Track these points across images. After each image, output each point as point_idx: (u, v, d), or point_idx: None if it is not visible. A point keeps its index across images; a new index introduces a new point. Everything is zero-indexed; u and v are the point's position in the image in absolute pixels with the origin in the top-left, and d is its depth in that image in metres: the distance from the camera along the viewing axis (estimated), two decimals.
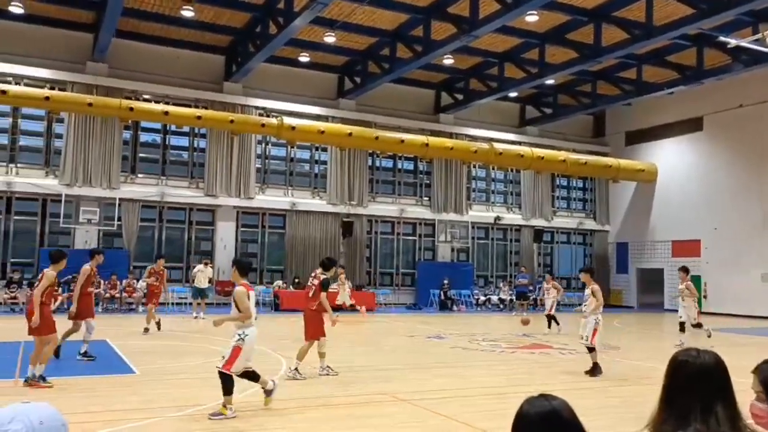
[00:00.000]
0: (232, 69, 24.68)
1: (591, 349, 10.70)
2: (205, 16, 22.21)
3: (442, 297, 26.47)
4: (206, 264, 20.57)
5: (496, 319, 23.57)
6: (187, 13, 21.32)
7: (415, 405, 8.03)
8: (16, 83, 21.47)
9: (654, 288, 30.15)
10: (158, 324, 15.35)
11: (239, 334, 7.27)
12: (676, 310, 15.89)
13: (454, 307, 26.44)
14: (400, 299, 27.45)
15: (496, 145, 26.73)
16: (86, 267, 11.31)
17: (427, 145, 25.31)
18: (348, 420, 7.30)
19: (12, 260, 22.05)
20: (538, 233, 30.56)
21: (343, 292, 21.06)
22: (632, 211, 31.54)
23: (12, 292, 20.32)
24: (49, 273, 8.85)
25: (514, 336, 16.66)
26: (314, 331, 9.84)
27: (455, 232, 28.29)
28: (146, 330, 14.92)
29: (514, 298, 26.42)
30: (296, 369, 9.58)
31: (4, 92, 19.75)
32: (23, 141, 23.00)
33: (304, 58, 24.98)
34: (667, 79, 25.08)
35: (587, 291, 11.11)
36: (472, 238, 29.30)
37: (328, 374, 9.84)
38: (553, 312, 17.83)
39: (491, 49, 24.15)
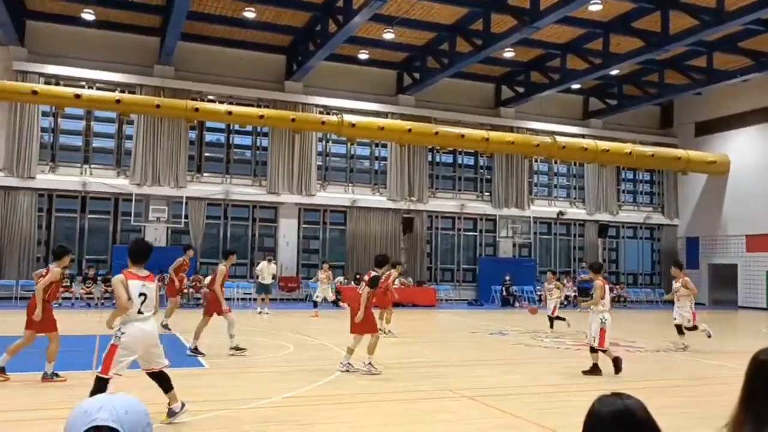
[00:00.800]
0: (293, 68, 25.05)
1: (601, 351, 10.12)
2: (266, 17, 22.61)
3: (504, 293, 26.18)
4: (270, 260, 20.99)
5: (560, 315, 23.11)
6: (249, 14, 21.76)
7: (479, 401, 7.98)
8: (89, 87, 22.37)
9: (727, 284, 28.97)
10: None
11: (117, 331, 6.25)
12: (752, 308, 15.15)
13: (516, 304, 26.11)
14: (461, 295, 27.32)
15: (559, 139, 26.19)
16: (222, 267, 11.42)
17: (487, 139, 25.02)
18: (410, 415, 7.31)
19: (87, 257, 23.07)
20: (602, 228, 29.84)
21: (325, 287, 20.53)
22: (703, 205, 30.36)
23: (88, 287, 21.24)
24: (55, 270, 8.69)
25: (579, 333, 16.30)
26: (367, 327, 9.76)
27: (517, 227, 27.96)
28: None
29: (577, 294, 25.94)
30: (370, 363, 9.61)
31: (78, 96, 20.61)
32: (96, 143, 23.98)
33: (363, 55, 25.11)
34: (740, 66, 24.02)
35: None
36: (534, 233, 28.84)
37: (348, 371, 9.59)
38: (556, 314, 16.81)
39: (553, 40, 23.69)
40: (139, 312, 6.21)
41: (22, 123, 21.97)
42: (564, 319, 16.68)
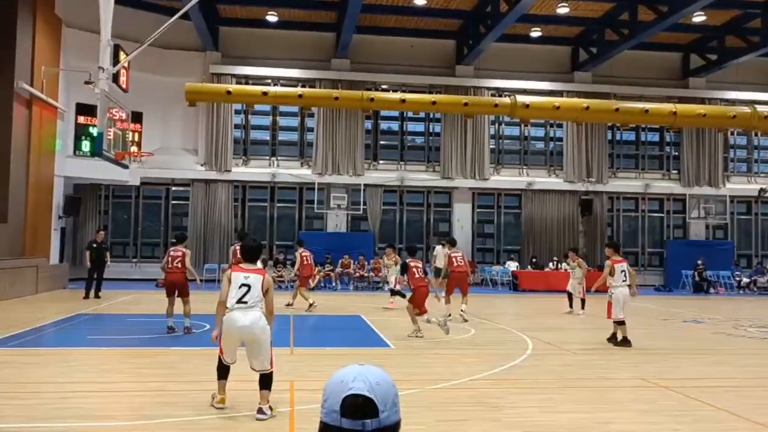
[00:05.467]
0: (464, 52, 24.95)
1: (614, 321, 11.07)
2: (436, 3, 22.70)
3: (697, 278, 24.21)
4: (443, 245, 21.04)
5: (765, 303, 20.96)
6: (419, 1, 21.99)
7: (679, 392, 7.44)
8: (274, 84, 23.96)
9: None
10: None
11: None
12: None
13: (711, 290, 24.07)
14: (646, 280, 25.68)
15: (760, 108, 23.52)
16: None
17: (675, 113, 23.08)
18: (604, 403, 7.02)
19: (276, 243, 24.84)
20: None
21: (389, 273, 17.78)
22: None
23: (278, 270, 22.83)
24: (188, 251, 11.27)
25: None
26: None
27: (710, 207, 25.67)
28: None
29: None
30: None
31: (265, 94, 22.12)
32: (281, 136, 25.69)
33: (535, 33, 24.36)
34: None
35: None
36: (731, 213, 26.32)
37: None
38: (580, 294, 15.71)
39: None
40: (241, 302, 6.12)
41: (218, 121, 24.10)
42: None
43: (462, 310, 13.57)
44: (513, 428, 5.96)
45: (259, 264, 6.46)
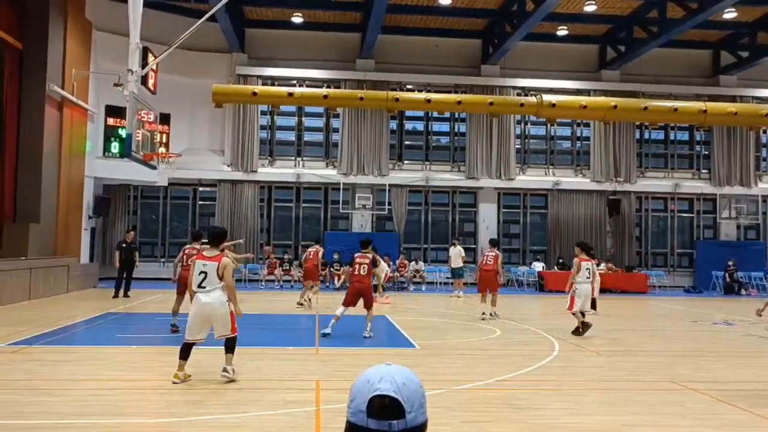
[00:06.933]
0: (489, 51, 24.82)
1: (572, 312, 11.74)
2: (461, 2, 22.62)
3: (728, 280, 23.79)
4: (454, 244, 20.87)
5: None
6: (445, 1, 21.91)
7: (709, 396, 7.33)
8: (299, 85, 24.08)
9: None
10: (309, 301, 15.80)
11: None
12: None
13: (743, 291, 23.62)
14: (675, 281, 25.33)
15: None
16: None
17: (705, 111, 22.69)
18: (630, 405, 6.92)
19: (302, 243, 24.93)
20: None
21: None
22: None
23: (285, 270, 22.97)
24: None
25: None
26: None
27: (741, 207, 25.21)
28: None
29: None
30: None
31: (291, 95, 22.23)
32: (307, 137, 25.81)
33: (562, 31, 24.15)
34: None
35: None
36: (764, 213, 25.81)
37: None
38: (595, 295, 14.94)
39: None
40: (200, 287, 7.38)
41: (244, 122, 24.31)
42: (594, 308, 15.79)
43: (491, 314, 13.72)
44: (538, 430, 5.92)
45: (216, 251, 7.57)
